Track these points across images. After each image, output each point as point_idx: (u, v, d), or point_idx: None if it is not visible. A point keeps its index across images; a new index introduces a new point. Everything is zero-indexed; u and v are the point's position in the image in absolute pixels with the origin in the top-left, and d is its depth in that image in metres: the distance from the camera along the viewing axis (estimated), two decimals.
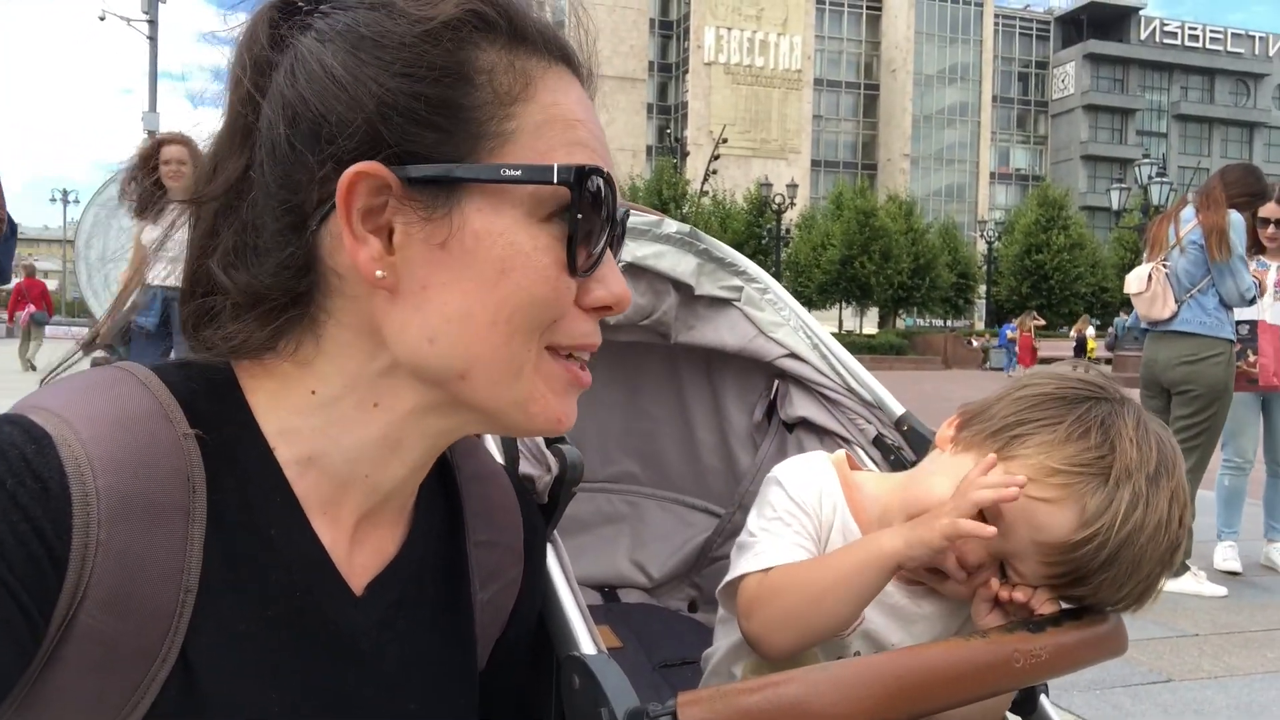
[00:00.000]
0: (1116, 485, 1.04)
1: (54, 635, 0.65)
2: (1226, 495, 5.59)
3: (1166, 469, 1.07)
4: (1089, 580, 1.05)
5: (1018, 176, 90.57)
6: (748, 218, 51.24)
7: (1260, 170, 5.40)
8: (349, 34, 0.72)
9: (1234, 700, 3.57)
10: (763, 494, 1.29)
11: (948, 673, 0.94)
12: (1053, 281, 53.87)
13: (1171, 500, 1.07)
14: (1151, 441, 1.08)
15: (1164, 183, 31.60)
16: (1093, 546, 1.03)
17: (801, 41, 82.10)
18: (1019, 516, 1.06)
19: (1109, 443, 1.07)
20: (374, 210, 0.71)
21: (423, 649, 0.87)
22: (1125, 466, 1.05)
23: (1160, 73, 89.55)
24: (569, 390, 0.79)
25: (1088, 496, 1.04)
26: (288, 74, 0.73)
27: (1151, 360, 5.28)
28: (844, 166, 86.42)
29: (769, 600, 1.15)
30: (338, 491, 0.80)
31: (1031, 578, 1.09)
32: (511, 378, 0.75)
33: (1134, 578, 1.05)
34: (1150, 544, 1.04)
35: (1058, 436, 1.08)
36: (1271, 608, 4.85)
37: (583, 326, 0.78)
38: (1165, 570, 1.08)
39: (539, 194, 0.72)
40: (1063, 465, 1.06)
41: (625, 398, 1.99)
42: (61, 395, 0.71)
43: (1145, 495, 1.04)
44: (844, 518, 1.23)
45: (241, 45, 0.76)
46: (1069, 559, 1.05)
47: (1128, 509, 1.03)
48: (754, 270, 1.79)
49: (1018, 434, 1.11)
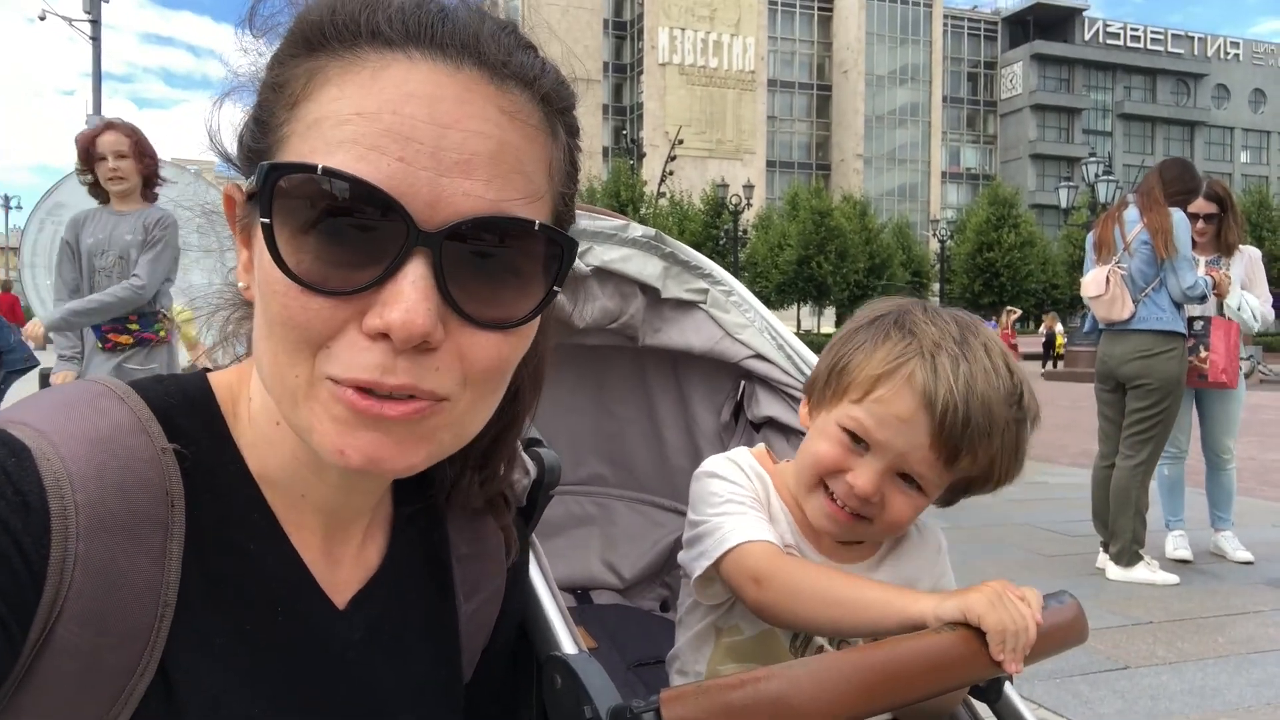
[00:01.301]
0: (931, 356, 1.18)
1: (31, 649, 0.64)
2: (1167, 485, 5.75)
3: (969, 330, 1.23)
4: (966, 448, 1.17)
5: (968, 176, 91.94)
6: (705, 218, 51.43)
7: (1192, 165, 5.52)
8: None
9: (1188, 685, 3.67)
10: (701, 489, 1.32)
11: (923, 664, 0.97)
12: (1004, 279, 54.74)
13: (988, 351, 1.21)
14: (945, 316, 1.25)
15: (1110, 181, 32.20)
16: (946, 413, 1.15)
17: (755, 42, 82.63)
18: (884, 430, 1.19)
19: (908, 333, 1.22)
20: (247, 223, 0.73)
21: (408, 662, 0.87)
22: (932, 341, 1.20)
23: (1104, 73, 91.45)
24: (352, 420, 0.67)
25: (914, 377, 1.17)
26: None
27: (1107, 355, 5.41)
28: (799, 167, 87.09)
29: (786, 576, 1.17)
30: (295, 510, 0.80)
31: (931, 475, 1.20)
32: (290, 402, 0.69)
33: (995, 429, 1.17)
34: (990, 390, 1.17)
35: (866, 352, 1.23)
36: (1221, 594, 4.99)
37: (361, 357, 0.65)
38: (1023, 422, 1.21)
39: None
40: (880, 368, 1.20)
41: (593, 400, 2.00)
42: (40, 410, 0.71)
43: (959, 353, 1.18)
44: (772, 495, 1.32)
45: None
46: (938, 438, 1.16)
47: (952, 367, 1.17)
48: (719, 273, 1.80)
49: (841, 370, 1.25)
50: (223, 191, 0.76)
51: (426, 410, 0.68)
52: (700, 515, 1.29)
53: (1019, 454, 1.22)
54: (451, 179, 0.65)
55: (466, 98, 0.67)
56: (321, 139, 0.66)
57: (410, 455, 0.70)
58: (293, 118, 0.68)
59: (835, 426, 1.24)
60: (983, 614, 1.01)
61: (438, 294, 0.65)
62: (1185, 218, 5.15)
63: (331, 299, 0.65)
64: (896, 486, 1.21)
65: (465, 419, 0.73)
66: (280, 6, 0.74)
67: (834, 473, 1.23)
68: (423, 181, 0.64)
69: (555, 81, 0.74)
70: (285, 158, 0.67)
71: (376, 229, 0.64)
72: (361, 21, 0.68)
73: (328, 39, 0.68)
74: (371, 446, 0.68)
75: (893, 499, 1.21)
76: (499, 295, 0.70)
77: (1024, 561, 5.65)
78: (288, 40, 0.72)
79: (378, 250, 0.65)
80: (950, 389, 1.15)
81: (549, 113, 0.73)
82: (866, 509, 1.22)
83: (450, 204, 0.65)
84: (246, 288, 0.74)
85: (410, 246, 0.64)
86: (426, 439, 0.70)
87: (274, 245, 0.65)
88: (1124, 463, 5.28)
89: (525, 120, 0.70)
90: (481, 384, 0.71)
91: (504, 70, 0.69)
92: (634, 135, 65.80)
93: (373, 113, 0.65)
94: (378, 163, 0.64)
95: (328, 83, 0.67)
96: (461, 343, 0.68)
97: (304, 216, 0.65)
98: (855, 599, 1.12)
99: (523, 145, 0.70)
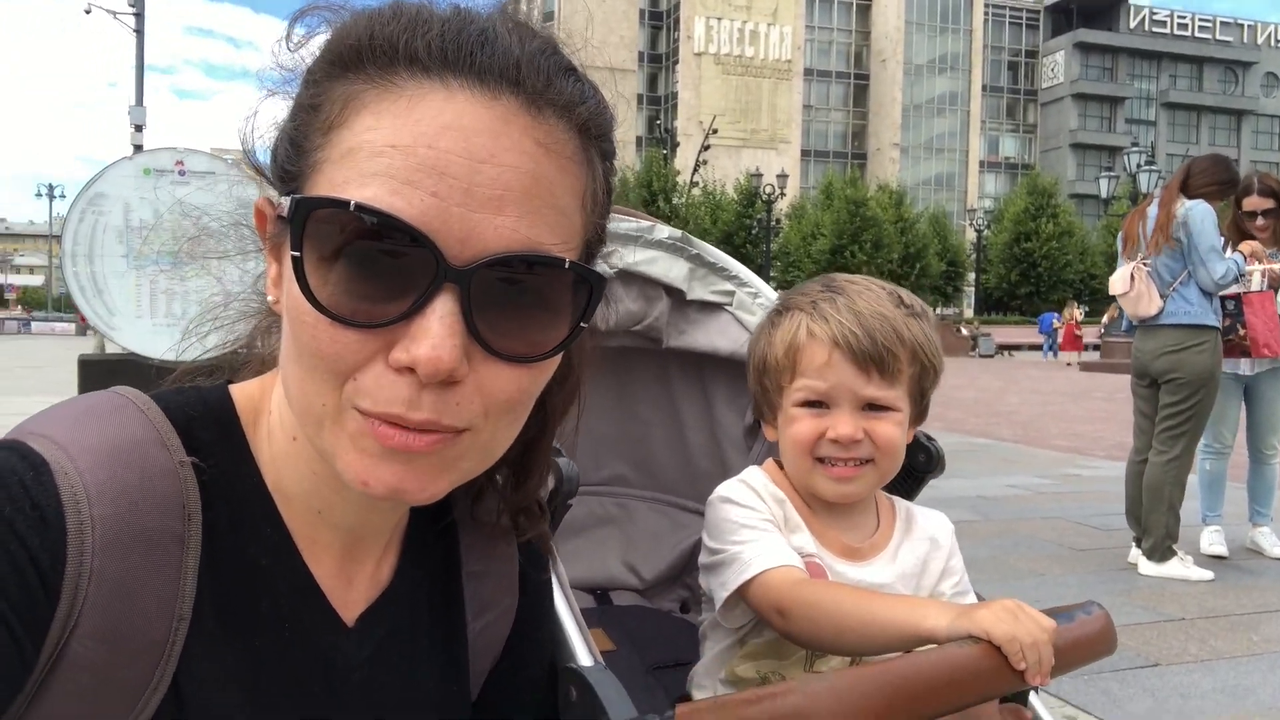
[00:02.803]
0: (813, 308, 1.35)
1: (45, 664, 0.65)
2: (1208, 480, 5.66)
3: (830, 280, 1.41)
4: (888, 355, 1.30)
5: (1007, 165, 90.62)
6: (738, 208, 51.22)
7: (1228, 159, 5.44)
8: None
9: (1220, 683, 3.61)
10: (716, 515, 1.36)
11: (944, 678, 0.96)
12: (1041, 269, 54.05)
13: (851, 282, 1.38)
14: (807, 283, 1.44)
15: (1153, 170, 31.66)
16: (850, 339, 1.30)
17: (792, 32, 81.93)
18: (825, 380, 1.32)
19: (786, 308, 1.41)
20: (277, 239, 0.73)
21: (415, 680, 0.87)
22: (808, 301, 1.37)
23: (1149, 61, 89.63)
24: (378, 451, 0.67)
25: (812, 330, 1.33)
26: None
27: (1140, 350, 5.36)
28: (834, 156, 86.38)
29: (807, 607, 1.20)
30: (310, 526, 0.80)
31: (885, 392, 1.32)
32: (316, 427, 0.70)
33: (897, 328, 1.31)
34: (869, 304, 1.33)
35: (770, 343, 1.40)
36: (1256, 590, 4.90)
37: (387, 390, 0.66)
38: (916, 315, 1.35)
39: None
40: (787, 342, 1.36)
41: (616, 402, 1.99)
42: (60, 422, 0.71)
43: (831, 295, 1.35)
44: (789, 510, 1.37)
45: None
46: (861, 360, 1.30)
47: (831, 307, 1.33)
48: (746, 275, 1.79)
49: (765, 371, 1.40)
50: (254, 205, 0.76)
51: (450, 440, 0.69)
52: (719, 543, 1.33)
53: (933, 340, 1.37)
54: (484, 215, 0.65)
55: (502, 130, 0.66)
56: (355, 169, 0.65)
57: (433, 485, 0.70)
58: (327, 143, 0.68)
59: (793, 408, 1.35)
60: (989, 627, 1.01)
61: (464, 329, 0.65)
62: (1209, 209, 5.05)
63: (359, 331, 0.65)
64: (870, 417, 1.32)
65: (488, 447, 0.73)
66: (317, 23, 0.73)
67: (817, 440, 1.33)
68: (455, 217, 0.64)
69: (594, 108, 0.73)
70: (318, 185, 0.67)
71: (406, 262, 0.64)
72: (400, 46, 0.67)
73: (364, 61, 0.68)
74: (396, 478, 0.68)
75: (875, 429, 1.32)
76: (525, 330, 0.69)
77: (1055, 555, 5.58)
78: (323, 58, 0.71)
79: (406, 284, 0.65)
80: (839, 320, 1.31)
81: (585, 141, 0.72)
82: (860, 450, 1.32)
83: (481, 240, 0.65)
84: (276, 301, 0.75)
85: (439, 282, 0.64)
86: (449, 468, 0.71)
87: (303, 278, 0.65)
88: (1157, 458, 5.21)
89: (560, 152, 0.70)
90: (502, 415, 0.71)
91: (542, 99, 0.69)
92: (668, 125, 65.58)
93: (408, 145, 0.64)
94: (411, 197, 0.63)
95: (363, 109, 0.67)
96: (484, 376, 0.68)
97: (334, 248, 0.65)
98: (870, 620, 1.13)
99: (556, 178, 0.69)
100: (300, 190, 0.69)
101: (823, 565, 1.32)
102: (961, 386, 20.39)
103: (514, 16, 0.73)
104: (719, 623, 1.36)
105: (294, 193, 0.68)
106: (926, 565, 1.40)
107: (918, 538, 1.41)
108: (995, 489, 7.84)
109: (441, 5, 0.71)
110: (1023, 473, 8.74)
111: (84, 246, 6.03)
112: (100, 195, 6.02)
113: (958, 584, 1.41)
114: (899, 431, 1.33)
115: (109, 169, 6.09)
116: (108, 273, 5.99)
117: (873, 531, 1.40)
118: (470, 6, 0.72)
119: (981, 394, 18.73)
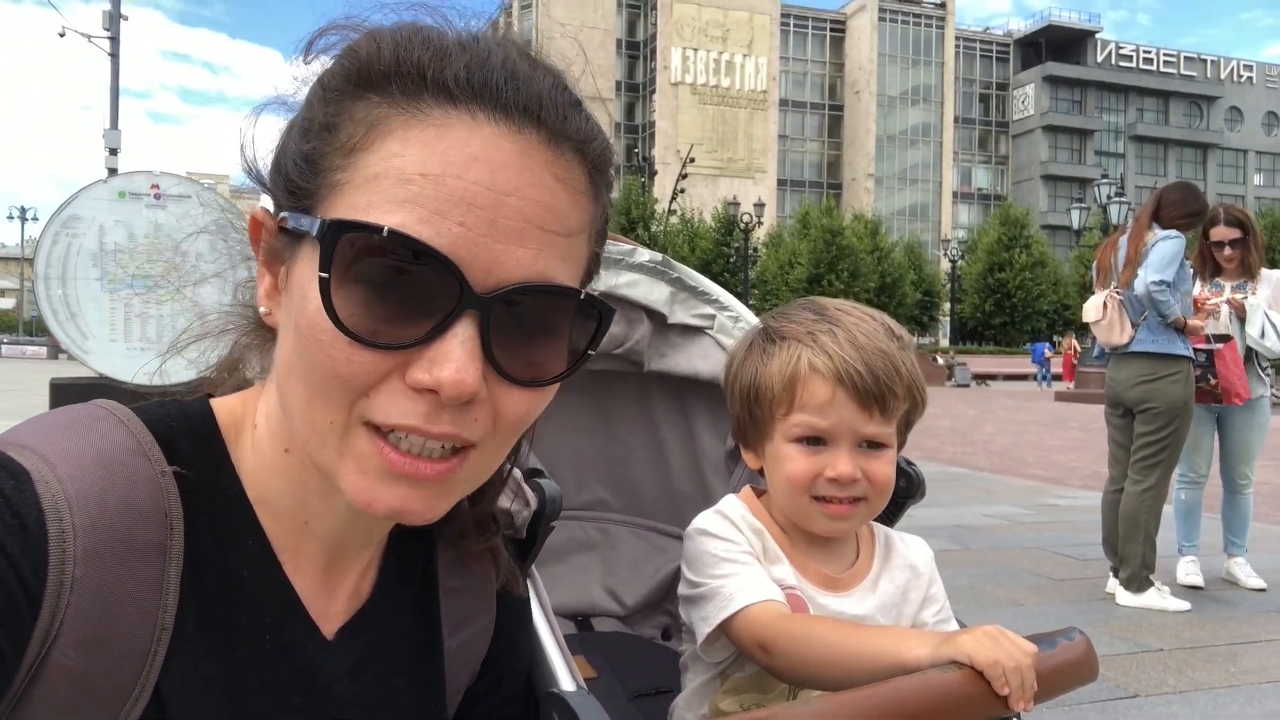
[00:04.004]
0: (813, 341, 1.30)
1: (26, 673, 0.64)
2: (1184, 510, 5.70)
3: (818, 306, 1.37)
4: (888, 391, 1.27)
5: (980, 196, 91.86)
6: (716, 236, 51.57)
7: (1197, 188, 5.53)
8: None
9: (1199, 714, 3.62)
10: (694, 548, 1.34)
11: (927, 704, 0.95)
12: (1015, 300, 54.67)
13: (844, 311, 1.34)
14: (792, 310, 1.39)
15: (1122, 202, 32.20)
16: (854, 375, 1.26)
17: (767, 63, 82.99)
18: (825, 418, 1.28)
19: (781, 337, 1.35)
20: (275, 251, 0.74)
21: (392, 694, 0.86)
22: (804, 331, 1.32)
23: (1117, 95, 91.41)
24: (384, 475, 0.69)
25: (814, 364, 1.29)
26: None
27: (1114, 380, 5.41)
28: (810, 186, 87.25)
29: (790, 641, 1.18)
30: (293, 538, 0.80)
31: (882, 429, 1.29)
32: (319, 443, 0.70)
33: (894, 363, 1.28)
34: (869, 337, 1.29)
35: (762, 373, 1.35)
36: (1233, 621, 4.93)
37: (401, 404, 0.67)
38: (907, 347, 1.33)
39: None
40: (786, 375, 1.31)
41: (597, 425, 1.99)
42: (40, 432, 0.71)
43: (829, 327, 1.31)
44: (767, 541, 1.35)
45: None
46: (863, 398, 1.27)
47: (832, 340, 1.29)
48: (726, 299, 1.79)
49: (755, 401, 1.36)
50: (249, 215, 0.76)
51: (460, 463, 0.71)
52: (700, 576, 1.31)
53: (918, 372, 1.35)
54: (506, 246, 0.67)
55: (525, 164, 0.68)
56: (382, 195, 0.66)
57: (437, 506, 0.72)
58: (349, 165, 0.68)
59: (787, 444, 1.32)
60: (971, 652, 1.00)
61: (482, 354, 0.67)
62: (1182, 239, 5.13)
63: (377, 352, 0.66)
64: (866, 455, 1.30)
65: (486, 465, 0.76)
66: (336, 40, 0.74)
67: (814, 479, 1.30)
68: (481, 248, 0.66)
69: (603, 145, 0.76)
70: (337, 207, 0.68)
71: (428, 287, 0.66)
72: (429, 75, 0.68)
73: (390, 84, 0.69)
74: (400, 500, 0.70)
75: (870, 467, 1.30)
76: (534, 355, 0.72)
77: (1033, 586, 5.60)
78: (340, 74, 0.71)
79: (428, 308, 0.66)
80: (842, 357, 1.27)
81: (595, 176, 0.75)
82: (857, 489, 1.30)
83: (504, 269, 0.67)
84: (268, 313, 0.75)
85: (463, 308, 0.66)
86: (453, 490, 0.73)
87: (329, 299, 0.65)
88: (1133, 488, 5.25)
89: (575, 187, 0.72)
90: (506, 433, 0.74)
91: (561, 134, 0.71)
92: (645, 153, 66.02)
93: (436, 175, 0.66)
94: (439, 227, 0.65)
95: (389, 136, 0.68)
96: (498, 396, 0.70)
97: (358, 270, 0.66)
98: (854, 653, 1.12)
99: (571, 212, 0.72)
100: (315, 209, 0.69)
101: (803, 597, 1.31)
102: (938, 416, 20.51)
103: (521, 45, 0.75)
104: (699, 656, 1.35)
105: (305, 210, 0.69)
106: (907, 594, 1.39)
107: (897, 566, 1.41)
108: (973, 518, 7.86)
109: (457, 29, 0.73)
110: (1000, 502, 8.78)
111: (57, 269, 5.97)
112: (74, 218, 5.97)
113: (939, 612, 1.40)
114: (891, 469, 1.32)
115: (83, 191, 6.04)
116: (81, 296, 5.92)
117: (852, 561, 1.39)
118: (478, 32, 0.74)
119: (957, 423, 18.85)
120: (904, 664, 1.05)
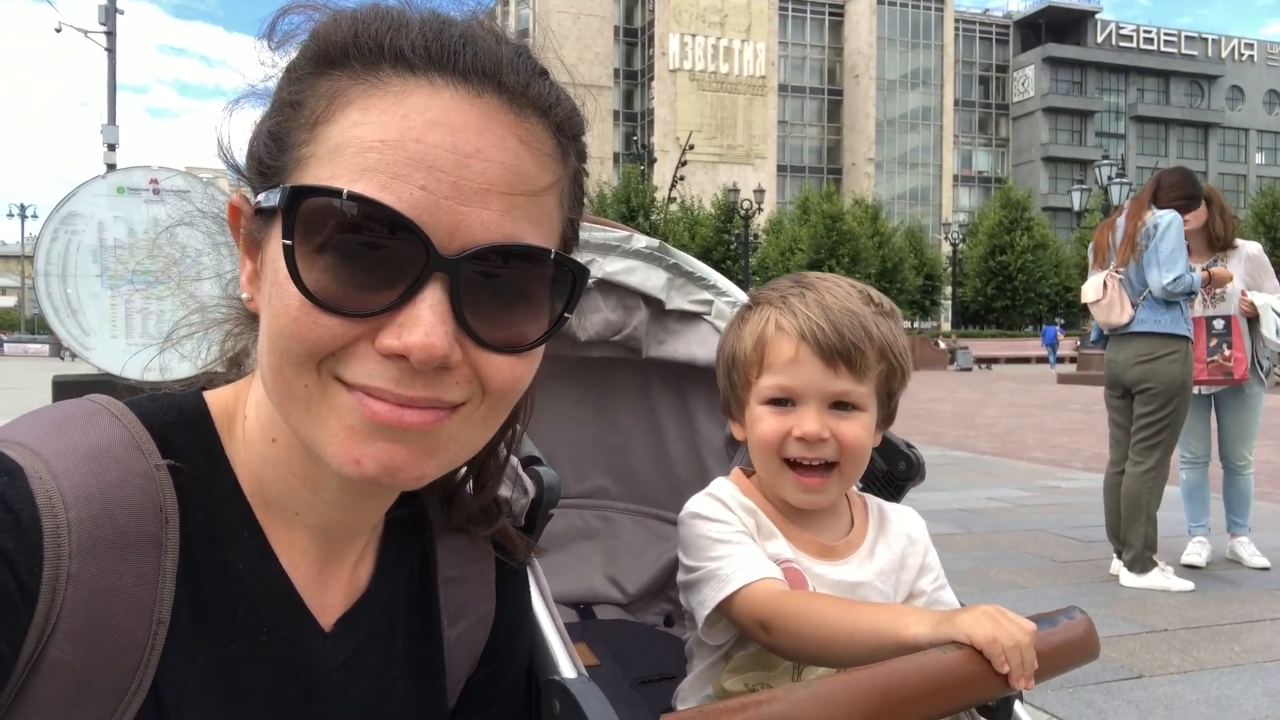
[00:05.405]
0: (783, 303, 1.34)
1: (23, 669, 0.64)
2: (1188, 490, 5.70)
3: (802, 276, 1.40)
4: (855, 351, 1.28)
5: (980, 179, 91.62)
6: (716, 223, 51.46)
7: (1195, 175, 5.54)
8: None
9: (1204, 694, 3.63)
10: (689, 532, 1.34)
11: (928, 684, 0.95)
12: (1017, 282, 54.57)
13: (823, 279, 1.37)
14: (780, 280, 1.42)
15: (1124, 183, 32.05)
16: (818, 333, 1.28)
17: (765, 48, 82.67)
18: (792, 377, 1.30)
19: (756, 303, 1.39)
20: (253, 235, 0.74)
21: (391, 685, 0.86)
22: (778, 296, 1.36)
23: (1117, 75, 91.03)
24: (368, 429, 0.68)
25: (780, 324, 1.32)
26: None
27: (1112, 361, 5.40)
28: (810, 171, 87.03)
29: (790, 620, 1.18)
30: (286, 529, 0.80)
31: (852, 389, 1.30)
32: (301, 412, 0.70)
33: (865, 325, 1.30)
34: (838, 299, 1.31)
35: (739, 338, 1.38)
36: (1237, 601, 4.93)
37: (368, 367, 0.67)
38: (886, 314, 1.35)
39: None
40: (755, 336, 1.35)
41: (596, 413, 1.98)
42: (34, 429, 0.71)
43: (801, 290, 1.34)
44: (760, 519, 1.36)
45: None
46: (828, 355, 1.28)
47: (801, 301, 1.32)
48: (724, 284, 1.79)
49: (733, 366, 1.39)
50: (229, 203, 0.76)
51: (446, 417, 0.70)
52: (695, 560, 1.31)
53: (901, 340, 1.36)
54: (471, 208, 0.66)
55: (487, 126, 0.68)
56: (344, 164, 0.66)
57: (422, 465, 0.71)
58: (313, 139, 0.69)
59: (759, 406, 1.34)
60: (970, 631, 1.01)
61: (453, 318, 0.67)
62: (1178, 218, 5.12)
63: (344, 319, 0.66)
64: (836, 416, 1.31)
65: (475, 429, 0.74)
66: (300, 21, 0.74)
67: (783, 439, 1.31)
68: (444, 210, 0.66)
69: (569, 110, 0.76)
70: (305, 179, 0.68)
71: (394, 253, 0.65)
72: (385, 44, 0.68)
73: (349, 58, 0.69)
74: (387, 455, 0.69)
75: (840, 428, 1.30)
76: (511, 319, 0.71)
77: (1037, 568, 5.60)
78: (305, 55, 0.72)
79: (395, 273, 0.66)
80: (807, 315, 1.30)
81: (562, 140, 0.75)
82: (825, 450, 1.30)
83: (469, 231, 0.66)
84: (250, 299, 0.75)
85: (429, 271, 0.66)
86: (438, 449, 0.72)
87: (294, 265, 0.65)
88: (1133, 469, 5.25)
89: (540, 149, 0.72)
90: (496, 399, 0.73)
91: (523, 98, 0.71)
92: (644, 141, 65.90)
93: (396, 140, 0.66)
94: (400, 191, 0.65)
95: (349, 106, 0.68)
96: (479, 363, 0.70)
97: (323, 238, 0.66)
98: (853, 630, 1.12)
99: (537, 174, 0.71)
100: (283, 185, 0.69)
101: (800, 569, 1.31)
102: (940, 400, 20.51)
103: (486, 21, 0.75)
104: (703, 641, 1.35)
105: (275, 187, 0.69)
106: (905, 561, 1.40)
107: (893, 534, 1.41)
108: (976, 501, 7.87)
109: (419, 8, 0.73)
110: (1002, 485, 8.78)
111: (57, 266, 5.97)
112: (73, 214, 5.96)
113: (936, 579, 1.41)
114: (865, 434, 1.32)
115: (82, 188, 6.03)
116: (82, 293, 5.93)
117: (847, 529, 1.40)
118: (447, 11, 0.74)
119: (959, 407, 18.84)
120: (903, 641, 1.06)
